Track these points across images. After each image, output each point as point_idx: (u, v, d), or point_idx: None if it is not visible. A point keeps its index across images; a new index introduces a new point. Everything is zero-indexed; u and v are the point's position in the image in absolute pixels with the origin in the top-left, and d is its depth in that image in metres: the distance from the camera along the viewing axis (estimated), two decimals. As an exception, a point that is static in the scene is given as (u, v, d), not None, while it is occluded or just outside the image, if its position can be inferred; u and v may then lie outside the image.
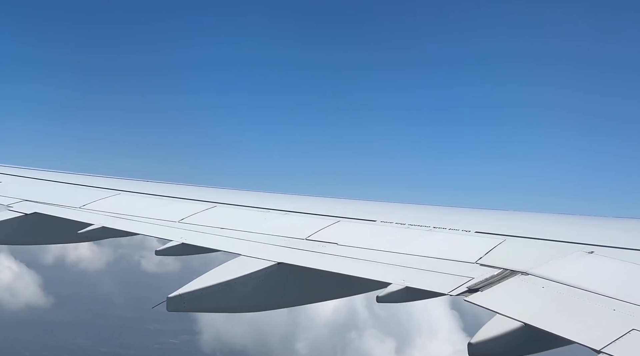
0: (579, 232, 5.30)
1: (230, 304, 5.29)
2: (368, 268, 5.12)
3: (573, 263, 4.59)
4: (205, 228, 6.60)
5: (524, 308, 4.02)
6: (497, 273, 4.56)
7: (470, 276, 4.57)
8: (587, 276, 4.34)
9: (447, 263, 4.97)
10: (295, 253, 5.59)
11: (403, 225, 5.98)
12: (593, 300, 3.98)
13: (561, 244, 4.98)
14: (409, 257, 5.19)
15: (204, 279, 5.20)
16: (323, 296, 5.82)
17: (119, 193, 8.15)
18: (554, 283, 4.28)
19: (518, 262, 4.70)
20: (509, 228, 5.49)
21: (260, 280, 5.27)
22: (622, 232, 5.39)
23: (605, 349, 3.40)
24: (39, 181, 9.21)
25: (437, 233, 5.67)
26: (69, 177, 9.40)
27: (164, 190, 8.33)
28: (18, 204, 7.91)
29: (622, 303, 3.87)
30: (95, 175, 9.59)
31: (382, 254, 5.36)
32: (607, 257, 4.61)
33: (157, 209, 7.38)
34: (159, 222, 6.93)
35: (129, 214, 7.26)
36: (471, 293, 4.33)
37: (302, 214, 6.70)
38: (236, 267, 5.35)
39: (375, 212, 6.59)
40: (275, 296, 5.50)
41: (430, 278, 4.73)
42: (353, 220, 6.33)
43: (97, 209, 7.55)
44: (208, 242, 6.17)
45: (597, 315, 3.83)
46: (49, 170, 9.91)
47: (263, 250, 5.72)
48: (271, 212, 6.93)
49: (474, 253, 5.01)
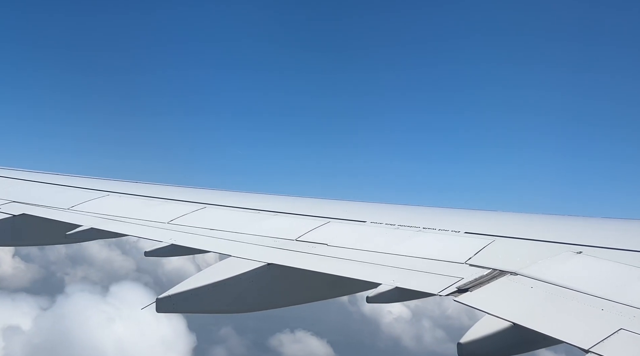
0: (567, 232, 5.34)
1: (220, 305, 5.28)
2: (358, 268, 5.13)
3: (562, 263, 4.62)
4: (195, 229, 6.58)
5: (513, 308, 4.05)
6: (487, 274, 4.58)
7: (460, 276, 4.59)
8: (576, 276, 4.37)
9: (437, 263, 4.98)
10: (285, 254, 5.58)
11: (393, 225, 5.99)
12: (581, 300, 4.00)
13: (550, 244, 5.00)
14: (399, 258, 5.21)
15: (194, 280, 5.19)
16: (313, 297, 5.82)
17: (108, 195, 8.12)
18: (543, 283, 4.30)
19: (507, 262, 4.73)
20: (498, 228, 5.52)
21: (250, 281, 5.27)
22: (610, 232, 5.43)
23: (594, 348, 3.42)
24: (27, 182, 9.16)
25: (426, 233, 5.69)
26: (57, 178, 9.35)
27: (154, 191, 8.30)
28: (6, 205, 7.85)
29: (611, 303, 3.90)
30: (84, 176, 9.55)
31: (372, 255, 5.37)
32: (596, 257, 4.64)
33: (147, 210, 7.36)
34: (148, 223, 6.91)
35: (118, 215, 7.22)
36: (461, 293, 4.35)
37: (292, 215, 6.70)
38: (226, 268, 5.34)
39: (365, 212, 6.60)
40: (265, 297, 5.49)
41: (420, 278, 4.74)
42: (343, 220, 6.33)
43: (86, 210, 7.51)
44: (198, 243, 6.16)
45: (586, 314, 3.85)
46: (37, 171, 9.85)
47: (253, 251, 5.71)
48: (261, 213, 6.93)
49: (464, 254, 5.03)
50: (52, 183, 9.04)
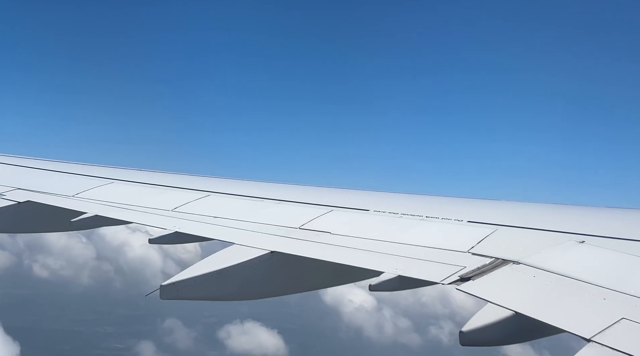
0: (570, 221, 5.33)
1: (224, 292, 5.30)
2: (361, 257, 5.14)
3: (564, 252, 4.62)
4: (198, 217, 6.60)
5: (515, 297, 4.05)
6: (489, 262, 4.59)
7: (463, 265, 4.59)
8: (578, 266, 4.37)
9: (440, 252, 4.99)
10: (288, 242, 5.60)
11: (396, 214, 6.00)
12: (584, 289, 4.01)
13: (553, 234, 5.01)
14: (402, 246, 5.22)
15: (198, 267, 5.21)
16: (316, 285, 5.84)
17: (112, 182, 8.14)
18: (545, 272, 4.31)
19: (510, 251, 4.73)
20: (501, 217, 5.52)
21: (253, 268, 5.29)
22: (613, 222, 5.43)
23: (595, 338, 3.43)
24: (32, 170, 9.19)
25: (429, 222, 5.69)
26: (62, 165, 9.37)
27: (158, 179, 8.32)
28: (11, 192, 7.89)
29: (613, 292, 3.90)
30: (88, 164, 9.56)
31: (375, 243, 5.38)
32: (598, 247, 4.64)
33: (151, 198, 7.38)
34: (152, 210, 6.93)
35: (123, 203, 7.25)
36: (463, 282, 4.36)
37: (296, 203, 6.71)
38: (230, 256, 5.36)
39: (368, 201, 6.60)
40: (269, 284, 5.51)
41: (422, 267, 4.75)
42: (346, 209, 6.34)
43: (90, 198, 7.54)
44: (201, 230, 6.18)
45: (588, 304, 3.86)
46: (42, 158, 9.88)
47: (256, 238, 5.73)
48: (265, 201, 6.94)
49: (466, 243, 5.04)
50: (56, 170, 9.06)
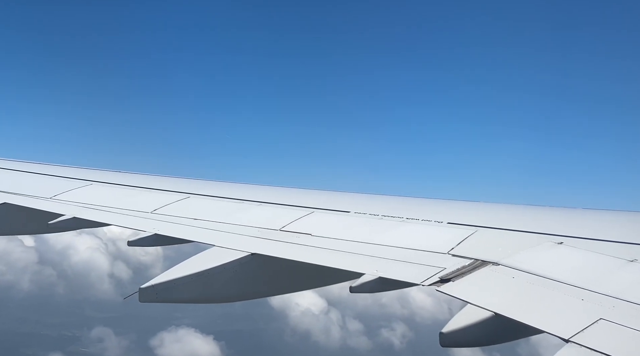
0: (548, 223, 5.38)
1: (204, 295, 5.27)
2: (342, 258, 5.14)
3: (543, 253, 4.66)
4: (178, 219, 6.56)
5: (495, 298, 4.08)
6: (469, 264, 4.61)
7: (443, 266, 4.62)
8: (557, 267, 4.41)
9: (420, 253, 5.01)
10: (269, 244, 5.59)
11: (376, 216, 6.01)
12: (562, 290, 4.05)
13: (531, 235, 5.05)
14: (382, 248, 5.23)
15: (177, 270, 5.17)
16: (297, 287, 5.83)
17: (90, 184, 8.06)
18: (524, 273, 4.34)
19: (489, 252, 4.76)
20: (480, 219, 5.55)
21: (234, 270, 5.26)
22: (591, 223, 5.49)
23: (574, 338, 3.46)
24: (8, 171, 9.06)
25: (410, 224, 5.71)
26: (39, 167, 9.25)
27: (137, 180, 8.25)
28: None
29: (591, 293, 3.94)
30: (66, 166, 9.45)
31: (355, 245, 5.39)
32: (576, 248, 4.69)
33: (130, 200, 7.32)
34: (131, 212, 6.87)
35: (101, 205, 7.18)
36: (443, 283, 4.38)
37: (276, 205, 6.70)
38: (210, 258, 5.33)
39: (349, 203, 6.61)
40: (249, 287, 5.49)
41: (403, 268, 4.77)
42: (327, 211, 6.34)
43: (68, 200, 7.46)
44: (181, 232, 6.14)
45: (566, 304, 3.90)
46: (20, 160, 9.74)
47: (237, 240, 5.70)
48: (245, 202, 6.92)
49: (446, 244, 5.07)
50: (34, 172, 8.95)
